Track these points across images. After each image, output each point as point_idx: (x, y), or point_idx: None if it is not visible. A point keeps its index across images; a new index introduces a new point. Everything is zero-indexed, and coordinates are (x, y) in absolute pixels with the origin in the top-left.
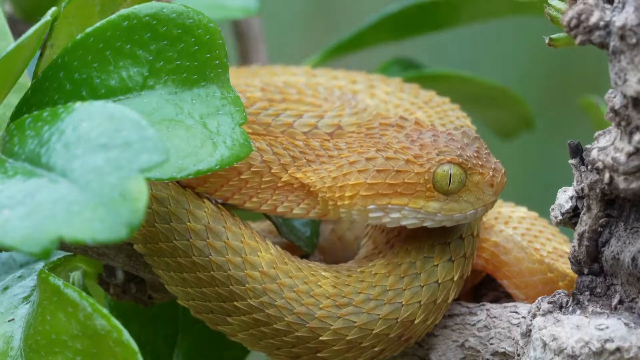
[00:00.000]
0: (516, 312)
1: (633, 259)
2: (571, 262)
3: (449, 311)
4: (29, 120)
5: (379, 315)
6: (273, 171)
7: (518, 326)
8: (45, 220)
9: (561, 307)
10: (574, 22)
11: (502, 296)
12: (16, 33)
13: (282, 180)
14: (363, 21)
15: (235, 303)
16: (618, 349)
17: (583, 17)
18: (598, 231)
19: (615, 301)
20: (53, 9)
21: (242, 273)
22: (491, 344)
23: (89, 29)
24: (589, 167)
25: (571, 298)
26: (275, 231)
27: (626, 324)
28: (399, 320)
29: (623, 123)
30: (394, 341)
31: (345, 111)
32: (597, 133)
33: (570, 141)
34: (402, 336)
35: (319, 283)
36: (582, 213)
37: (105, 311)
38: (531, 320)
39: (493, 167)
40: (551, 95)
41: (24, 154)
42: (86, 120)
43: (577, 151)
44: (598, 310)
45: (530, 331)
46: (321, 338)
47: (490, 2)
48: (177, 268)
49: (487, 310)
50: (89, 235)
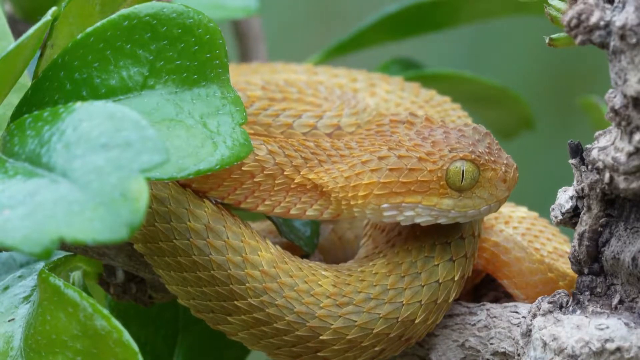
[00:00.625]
0: (516, 312)
1: (633, 259)
2: (571, 262)
3: (449, 311)
4: (30, 120)
5: (380, 314)
6: (286, 173)
7: (518, 326)
8: (45, 220)
9: (561, 307)
10: (574, 22)
11: (502, 296)
12: (16, 33)
13: (295, 181)
14: (363, 21)
15: (235, 302)
16: (618, 349)
17: (583, 17)
18: (598, 231)
19: (615, 301)
20: (53, 9)
21: (243, 272)
22: (491, 344)
23: (89, 29)
24: (589, 167)
25: (571, 298)
26: (275, 231)
27: (626, 324)
28: (400, 319)
29: (623, 123)
30: (395, 341)
31: (344, 111)
32: (597, 133)
33: (570, 141)
34: (403, 336)
35: (320, 282)
36: (583, 213)
37: (105, 311)
38: (531, 320)
39: (505, 163)
40: (551, 95)
41: (25, 154)
42: (86, 120)
43: (577, 151)
44: (598, 310)
45: (530, 331)
46: (321, 337)
47: (490, 2)
48: (178, 267)
49: (488, 310)
50: (90, 235)
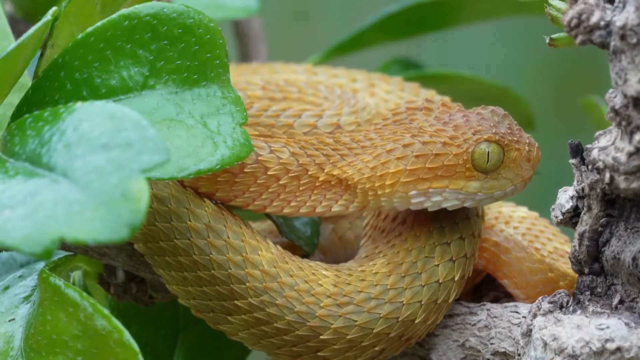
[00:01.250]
0: (517, 312)
1: (634, 259)
2: (572, 262)
3: (450, 311)
4: (30, 120)
5: (380, 314)
6: (310, 172)
7: (518, 326)
8: (46, 220)
9: (562, 307)
10: (575, 22)
11: (503, 296)
12: (17, 33)
13: (320, 179)
14: (363, 21)
15: (236, 302)
16: (618, 349)
17: (584, 17)
18: (599, 231)
19: (615, 301)
20: (54, 9)
21: (243, 272)
22: (492, 344)
23: (90, 29)
24: (590, 167)
25: (572, 298)
26: (275, 231)
27: (627, 324)
28: (400, 319)
29: (624, 123)
30: (395, 340)
31: (343, 110)
32: (598, 133)
33: (570, 141)
34: (403, 336)
35: (320, 282)
36: (583, 213)
37: (106, 311)
38: (532, 320)
39: (528, 142)
40: (552, 95)
41: (25, 154)
42: (87, 120)
43: (578, 151)
44: (598, 310)
45: (530, 331)
46: (322, 337)
47: (490, 2)
48: (178, 267)
49: (488, 310)
50: (90, 235)
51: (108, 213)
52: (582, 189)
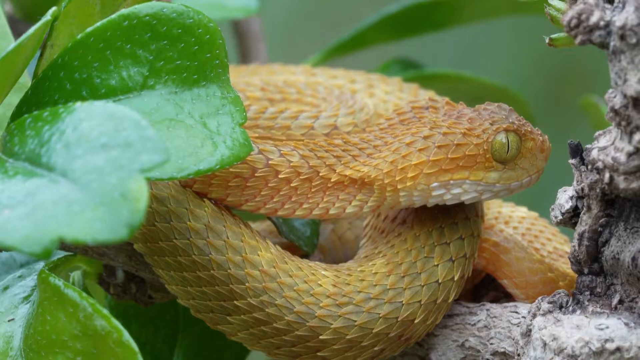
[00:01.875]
0: (516, 312)
1: (633, 259)
2: (571, 262)
3: (449, 311)
4: (29, 120)
5: (379, 314)
6: (322, 174)
7: (518, 326)
8: (45, 220)
9: (561, 307)
10: (574, 22)
11: (502, 296)
12: (16, 33)
13: (332, 180)
14: (363, 21)
15: (235, 302)
16: (618, 349)
17: (583, 17)
18: (598, 231)
19: (615, 301)
20: (53, 9)
21: (242, 272)
22: (491, 344)
23: (89, 29)
24: (589, 167)
25: (571, 298)
26: (275, 231)
27: (626, 324)
28: (399, 319)
29: (623, 123)
30: (394, 340)
31: (340, 111)
32: (597, 133)
33: (570, 141)
34: (402, 336)
35: (319, 282)
36: (582, 213)
37: (105, 311)
38: (531, 320)
39: (539, 133)
40: (551, 95)
41: (24, 154)
42: (86, 120)
43: (577, 151)
44: (598, 310)
45: (530, 331)
46: (321, 337)
47: (490, 2)
48: (178, 267)
49: (487, 310)
50: (90, 235)
51: (107, 213)
52: (582, 189)
